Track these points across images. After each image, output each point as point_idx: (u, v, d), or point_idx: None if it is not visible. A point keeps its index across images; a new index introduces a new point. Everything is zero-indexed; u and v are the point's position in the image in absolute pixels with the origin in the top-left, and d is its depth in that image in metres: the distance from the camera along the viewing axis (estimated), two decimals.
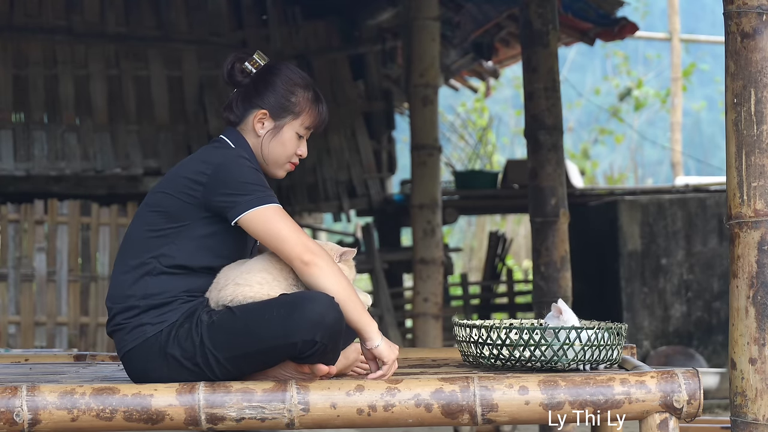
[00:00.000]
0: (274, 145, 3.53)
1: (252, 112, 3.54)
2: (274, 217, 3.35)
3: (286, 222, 3.36)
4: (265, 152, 3.53)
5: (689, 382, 3.28)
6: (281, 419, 3.26)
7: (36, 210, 8.87)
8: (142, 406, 3.24)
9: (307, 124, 3.56)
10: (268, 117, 3.53)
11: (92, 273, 8.86)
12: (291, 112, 3.53)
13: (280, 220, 3.35)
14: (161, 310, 3.39)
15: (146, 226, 3.43)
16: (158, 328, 3.37)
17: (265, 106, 3.53)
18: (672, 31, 16.49)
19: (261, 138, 3.53)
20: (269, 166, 3.56)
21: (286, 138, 3.54)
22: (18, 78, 9.77)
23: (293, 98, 3.53)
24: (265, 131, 3.53)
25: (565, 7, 8.87)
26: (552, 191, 5.99)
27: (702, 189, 10.35)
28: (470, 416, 3.28)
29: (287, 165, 3.58)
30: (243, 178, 3.37)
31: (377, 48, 10.72)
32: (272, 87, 3.53)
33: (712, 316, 9.48)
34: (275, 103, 3.52)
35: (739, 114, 3.48)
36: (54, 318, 8.74)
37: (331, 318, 3.28)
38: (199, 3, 10.29)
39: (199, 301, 3.41)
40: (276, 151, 3.54)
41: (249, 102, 3.54)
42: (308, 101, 3.55)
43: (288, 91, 3.53)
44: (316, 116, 3.56)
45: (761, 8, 3.46)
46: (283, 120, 3.53)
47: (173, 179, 3.44)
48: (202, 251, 3.41)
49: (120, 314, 3.42)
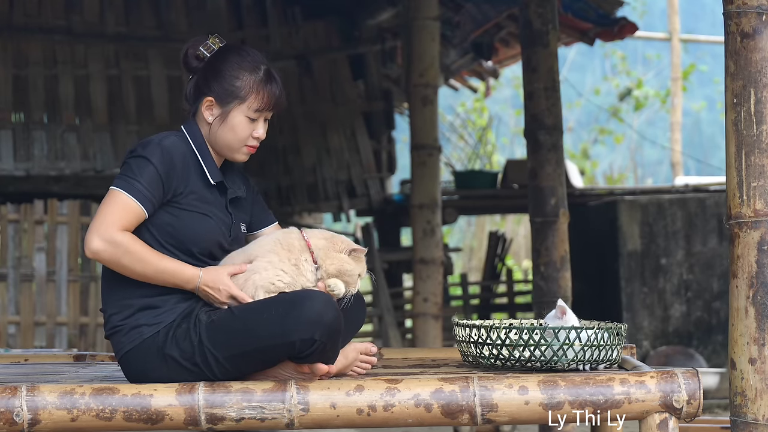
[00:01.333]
0: (222, 131, 3.52)
1: (200, 100, 3.54)
2: (109, 198, 3.36)
3: (112, 207, 3.34)
4: (216, 139, 3.53)
5: (689, 382, 3.28)
6: (281, 419, 3.26)
7: (36, 210, 8.87)
8: (141, 406, 3.24)
9: (256, 107, 3.51)
10: (215, 104, 3.52)
11: (92, 273, 8.85)
12: (237, 96, 3.50)
13: (109, 203, 3.35)
14: (157, 310, 3.39)
15: None
16: (155, 329, 3.37)
17: (211, 94, 3.51)
18: (672, 31, 16.49)
19: (211, 124, 3.53)
20: (224, 152, 3.55)
21: (234, 123, 3.51)
22: (18, 78, 9.77)
23: (237, 83, 3.50)
24: (213, 118, 3.52)
25: (564, 7, 8.86)
26: (552, 191, 5.99)
27: (702, 189, 10.35)
28: (470, 416, 3.27)
29: (244, 149, 3.54)
30: (130, 159, 3.41)
31: (377, 48, 10.72)
32: (218, 73, 3.51)
33: (712, 316, 9.48)
34: (220, 90, 3.50)
35: (738, 114, 3.48)
36: (54, 318, 8.74)
37: (330, 316, 3.28)
38: (198, 3, 10.30)
39: (195, 301, 3.41)
40: (226, 137, 3.52)
41: (199, 90, 3.55)
42: (255, 83, 3.50)
43: (232, 76, 3.50)
44: (264, 98, 3.51)
45: (761, 8, 3.46)
46: (229, 105, 3.51)
47: None
48: (175, 235, 3.42)
49: (115, 315, 3.42)
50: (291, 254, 3.44)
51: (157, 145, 3.42)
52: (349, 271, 3.46)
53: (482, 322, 3.57)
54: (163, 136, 3.48)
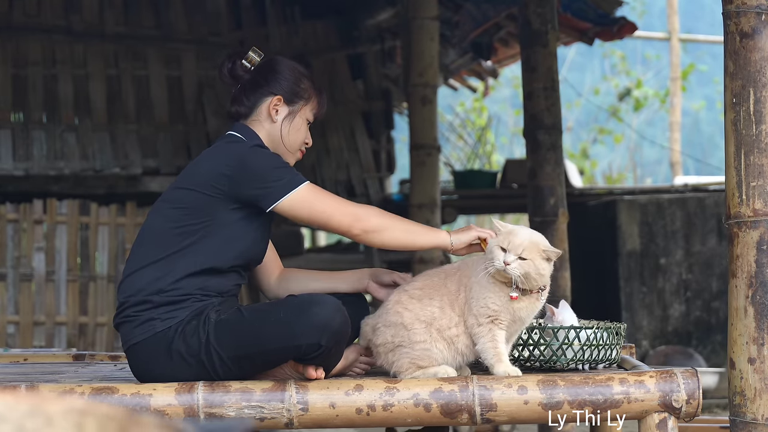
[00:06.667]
0: (290, 130, 3.58)
1: (265, 100, 3.57)
2: (312, 196, 3.38)
3: (324, 198, 3.39)
4: (285, 138, 3.57)
5: (688, 382, 3.28)
6: (280, 419, 3.26)
7: (35, 210, 8.87)
8: (141, 405, 3.24)
9: (315, 111, 3.62)
10: (282, 103, 3.57)
11: (91, 272, 8.85)
12: (302, 98, 3.59)
13: (318, 198, 3.38)
14: (173, 306, 3.39)
15: (168, 223, 3.42)
16: (167, 324, 3.38)
17: (279, 92, 3.58)
18: (671, 30, 16.48)
19: (278, 124, 3.57)
20: (284, 154, 3.58)
21: (299, 124, 3.60)
22: (17, 78, 9.76)
23: (302, 84, 3.60)
24: (281, 117, 3.57)
25: (564, 7, 8.86)
26: (551, 191, 5.99)
27: (701, 189, 10.35)
28: (469, 416, 3.27)
29: (298, 153, 3.62)
30: (268, 163, 3.40)
31: (376, 48, 10.72)
32: (281, 75, 3.58)
33: (711, 315, 9.48)
34: (288, 89, 3.58)
35: (738, 114, 3.48)
36: (53, 317, 8.73)
37: (337, 323, 3.28)
38: (198, 3, 10.29)
39: (210, 302, 3.41)
40: (292, 137, 3.59)
41: (259, 91, 3.58)
42: (314, 89, 3.63)
43: (297, 79, 3.60)
44: (321, 104, 3.64)
45: (760, 8, 3.46)
46: (296, 105, 3.59)
47: (193, 175, 3.45)
48: (226, 247, 3.42)
49: (132, 307, 3.42)
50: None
51: (257, 146, 3.47)
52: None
53: None
54: (244, 143, 3.49)
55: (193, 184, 3.42)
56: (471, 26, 10.03)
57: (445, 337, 3.32)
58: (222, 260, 3.41)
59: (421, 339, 3.31)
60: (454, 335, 3.33)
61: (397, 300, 3.39)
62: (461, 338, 3.34)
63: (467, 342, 3.34)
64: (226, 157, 3.42)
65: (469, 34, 10.10)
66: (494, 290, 3.30)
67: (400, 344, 3.33)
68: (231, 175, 3.38)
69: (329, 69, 10.52)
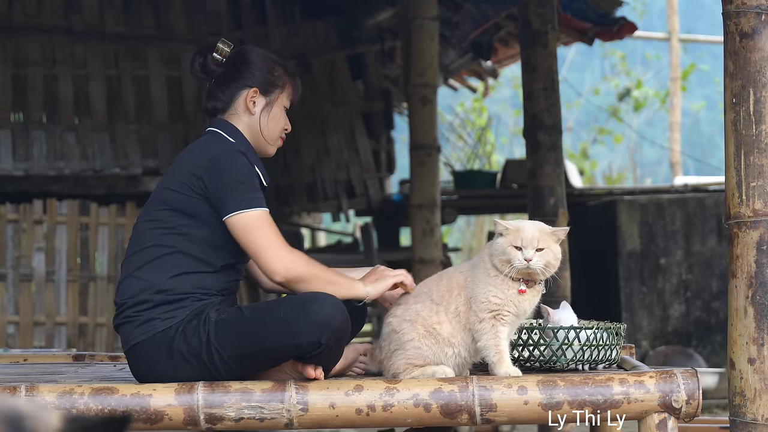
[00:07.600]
0: (269, 121, 3.57)
1: (241, 93, 3.56)
2: (257, 225, 3.35)
3: (266, 233, 3.35)
4: (264, 130, 3.57)
5: (688, 382, 3.28)
6: (280, 419, 3.26)
7: (35, 210, 8.86)
8: (140, 406, 3.23)
9: (291, 97, 3.62)
10: (259, 94, 3.56)
11: (91, 273, 8.85)
12: (277, 86, 3.59)
13: (261, 230, 3.35)
14: (172, 306, 3.39)
15: (158, 224, 3.43)
16: (168, 324, 3.38)
17: (254, 84, 3.57)
18: (671, 30, 16.48)
19: (257, 116, 3.56)
20: (264, 145, 3.58)
21: (276, 113, 3.59)
22: (17, 78, 9.76)
23: (276, 72, 3.59)
24: (259, 109, 3.56)
25: (564, 7, 8.86)
26: (551, 191, 5.99)
27: (701, 189, 10.35)
28: (469, 416, 3.27)
29: (279, 141, 3.62)
30: (235, 175, 3.38)
31: (376, 48, 10.72)
32: (254, 65, 3.57)
33: (711, 315, 9.48)
34: (262, 79, 3.57)
35: (738, 114, 3.48)
36: (53, 318, 8.73)
37: (338, 321, 3.28)
38: (198, 3, 10.29)
39: (210, 301, 3.41)
40: (272, 127, 3.58)
41: (234, 85, 3.57)
42: (287, 75, 3.62)
43: (269, 67, 3.59)
44: (296, 89, 3.63)
45: (760, 8, 3.45)
46: (272, 95, 3.58)
47: (174, 174, 3.46)
48: (215, 246, 3.42)
49: (131, 308, 3.42)
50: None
51: (239, 153, 3.45)
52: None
53: None
54: (226, 143, 3.47)
55: (174, 185, 3.45)
56: (471, 26, 10.02)
57: (431, 332, 3.34)
58: (212, 258, 3.42)
59: (409, 338, 3.35)
60: (448, 334, 3.34)
61: (388, 314, 3.48)
62: (457, 337, 3.35)
63: (467, 341, 3.35)
64: (199, 158, 3.43)
65: (469, 34, 10.10)
66: (495, 283, 3.33)
67: (396, 348, 3.37)
68: (202, 176, 3.40)
69: (329, 69, 10.52)
